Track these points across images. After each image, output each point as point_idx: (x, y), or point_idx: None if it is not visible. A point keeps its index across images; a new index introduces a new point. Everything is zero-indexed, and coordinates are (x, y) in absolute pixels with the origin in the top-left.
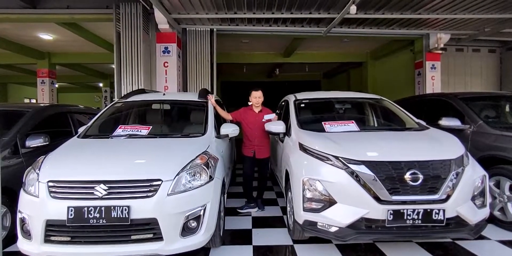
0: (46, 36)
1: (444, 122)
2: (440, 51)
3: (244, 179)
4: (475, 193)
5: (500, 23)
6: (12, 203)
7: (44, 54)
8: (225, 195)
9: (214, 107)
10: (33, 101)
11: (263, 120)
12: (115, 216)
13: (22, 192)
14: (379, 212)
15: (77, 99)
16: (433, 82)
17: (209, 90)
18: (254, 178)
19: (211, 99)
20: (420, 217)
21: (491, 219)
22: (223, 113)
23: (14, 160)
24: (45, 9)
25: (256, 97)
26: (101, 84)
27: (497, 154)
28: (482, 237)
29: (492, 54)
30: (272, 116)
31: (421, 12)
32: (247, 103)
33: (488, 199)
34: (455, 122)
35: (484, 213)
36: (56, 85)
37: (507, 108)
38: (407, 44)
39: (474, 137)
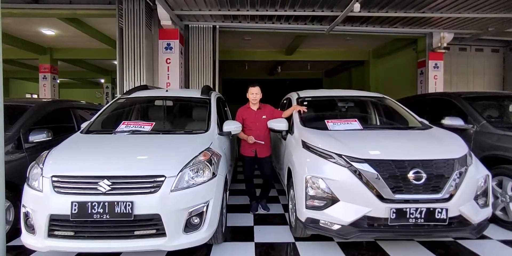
0: (48, 31)
1: (447, 121)
2: (443, 50)
3: (245, 181)
4: (478, 193)
5: (504, 23)
6: (15, 197)
7: (46, 49)
8: (227, 192)
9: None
10: (35, 96)
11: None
12: (119, 211)
13: (26, 187)
14: (382, 210)
15: (79, 95)
16: (436, 81)
17: (212, 87)
18: (255, 176)
19: None
20: (422, 216)
21: (493, 219)
22: None
23: (17, 154)
24: (48, 4)
25: (254, 93)
26: (102, 80)
27: (500, 154)
28: (484, 237)
29: (495, 53)
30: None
31: (425, 11)
32: (247, 101)
33: (491, 199)
34: (458, 122)
35: (487, 212)
36: (58, 81)
37: (510, 108)
38: (410, 43)
39: (477, 136)
